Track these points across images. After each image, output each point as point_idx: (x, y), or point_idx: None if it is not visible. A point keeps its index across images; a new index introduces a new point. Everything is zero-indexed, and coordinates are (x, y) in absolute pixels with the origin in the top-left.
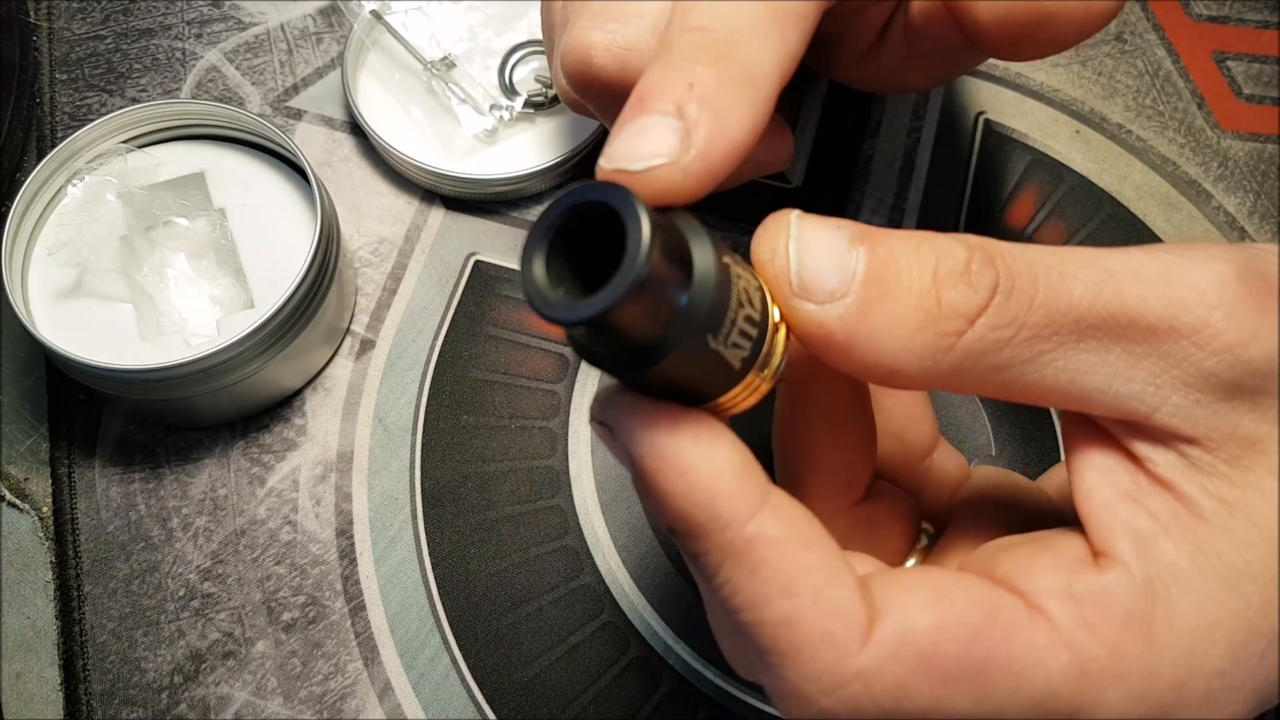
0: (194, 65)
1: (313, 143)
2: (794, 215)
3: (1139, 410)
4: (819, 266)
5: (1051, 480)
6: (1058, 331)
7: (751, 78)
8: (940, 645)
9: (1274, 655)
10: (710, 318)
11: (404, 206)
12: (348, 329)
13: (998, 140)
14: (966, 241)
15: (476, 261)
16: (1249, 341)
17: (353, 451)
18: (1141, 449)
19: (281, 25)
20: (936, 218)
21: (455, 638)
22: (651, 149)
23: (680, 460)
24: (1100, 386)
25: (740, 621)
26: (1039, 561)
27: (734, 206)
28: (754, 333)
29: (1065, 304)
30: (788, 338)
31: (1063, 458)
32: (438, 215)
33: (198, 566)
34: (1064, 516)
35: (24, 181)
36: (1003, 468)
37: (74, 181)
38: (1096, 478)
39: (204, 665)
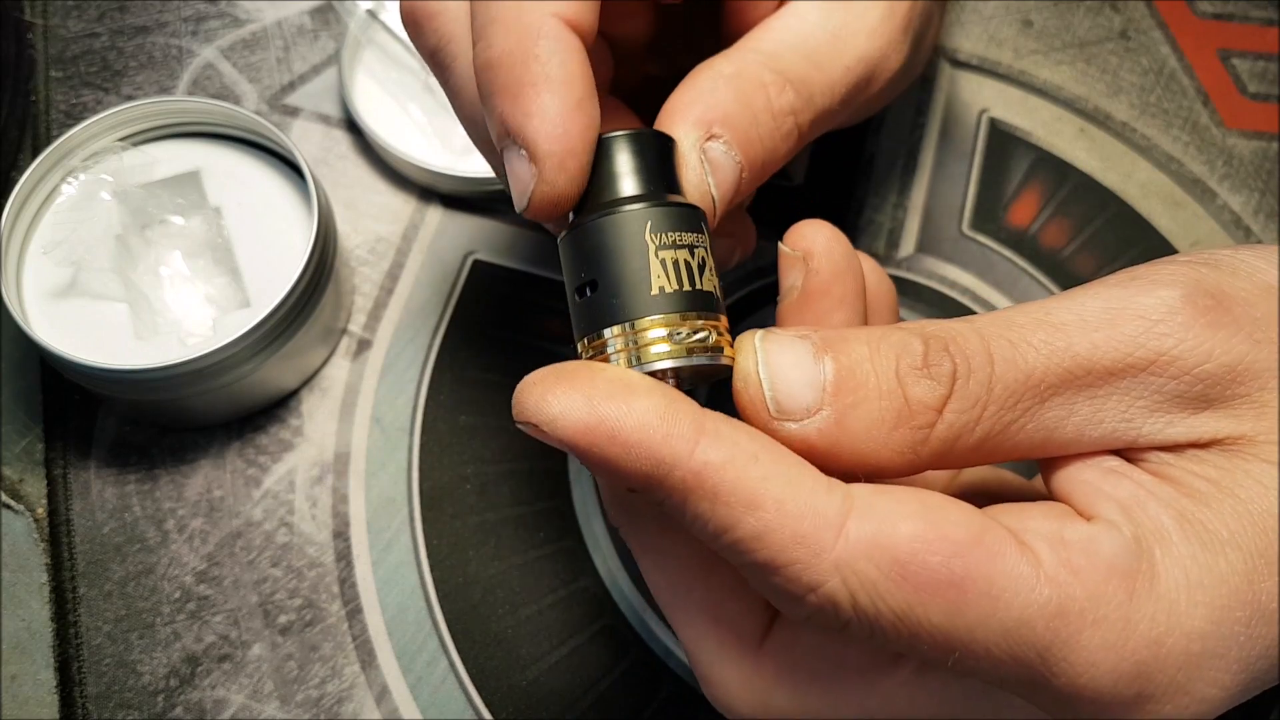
0: (190, 63)
1: (309, 140)
2: (757, 337)
3: (1118, 442)
4: (790, 388)
5: (1040, 482)
6: (1021, 399)
7: (529, 55)
8: (919, 554)
9: (1265, 629)
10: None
11: (401, 205)
12: (344, 329)
13: (1002, 138)
14: (921, 332)
15: (475, 260)
16: (1205, 360)
17: (350, 452)
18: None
19: (278, 22)
20: (940, 217)
21: (453, 641)
22: (521, 186)
23: (605, 427)
24: (1075, 435)
25: (721, 546)
26: (1030, 511)
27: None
28: (688, 282)
29: (1022, 373)
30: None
31: None
32: (435, 214)
33: (193, 569)
34: None
35: (19, 180)
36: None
37: (69, 180)
38: (1079, 463)
39: (200, 668)
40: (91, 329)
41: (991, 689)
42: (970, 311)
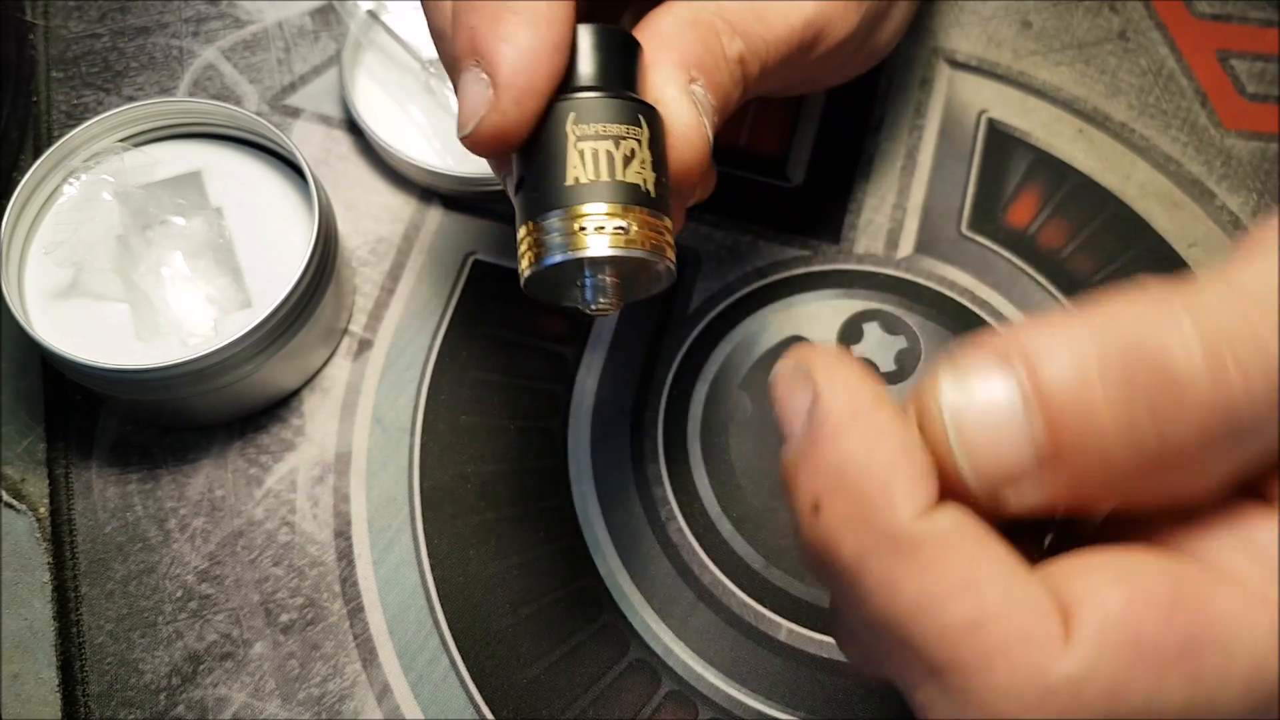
0: (191, 63)
1: (310, 141)
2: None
3: None
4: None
5: None
6: None
7: None
8: (1145, 626)
9: None
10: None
11: (402, 205)
12: (345, 329)
13: (1000, 139)
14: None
15: (475, 261)
16: None
17: (351, 452)
18: None
19: (279, 23)
20: (938, 217)
21: (454, 639)
22: (471, 110)
23: (874, 422)
24: None
25: (903, 634)
26: (1195, 522)
27: (734, 207)
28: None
29: None
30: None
31: None
32: (436, 214)
33: (195, 568)
34: None
35: (20, 180)
36: None
37: (70, 180)
38: None
39: (202, 667)
40: (93, 329)
41: None
42: (969, 312)
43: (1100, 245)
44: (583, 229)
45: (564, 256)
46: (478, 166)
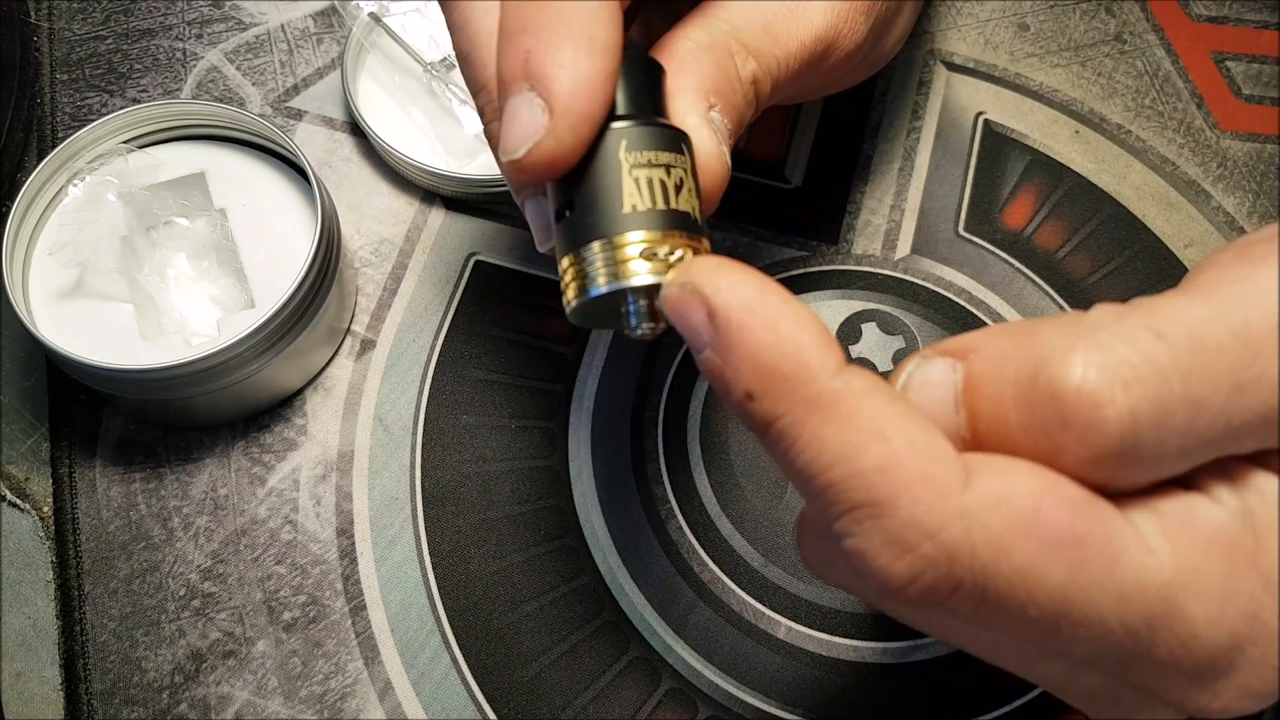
0: (194, 65)
1: (313, 143)
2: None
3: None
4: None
5: None
6: None
7: (580, 9)
8: (1044, 508)
9: None
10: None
11: (404, 207)
12: (348, 329)
13: (997, 140)
14: None
15: (477, 261)
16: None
17: (353, 451)
18: None
19: (282, 25)
20: (935, 218)
21: (455, 637)
22: (524, 134)
23: (768, 311)
24: None
25: (828, 482)
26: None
27: (733, 208)
28: (664, 199)
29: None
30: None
31: None
32: (438, 216)
33: (198, 566)
34: None
35: (25, 181)
36: None
37: (75, 182)
38: None
39: (204, 665)
40: (97, 329)
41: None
42: (966, 312)
43: (1096, 246)
44: (642, 255)
45: (620, 285)
46: (479, 168)
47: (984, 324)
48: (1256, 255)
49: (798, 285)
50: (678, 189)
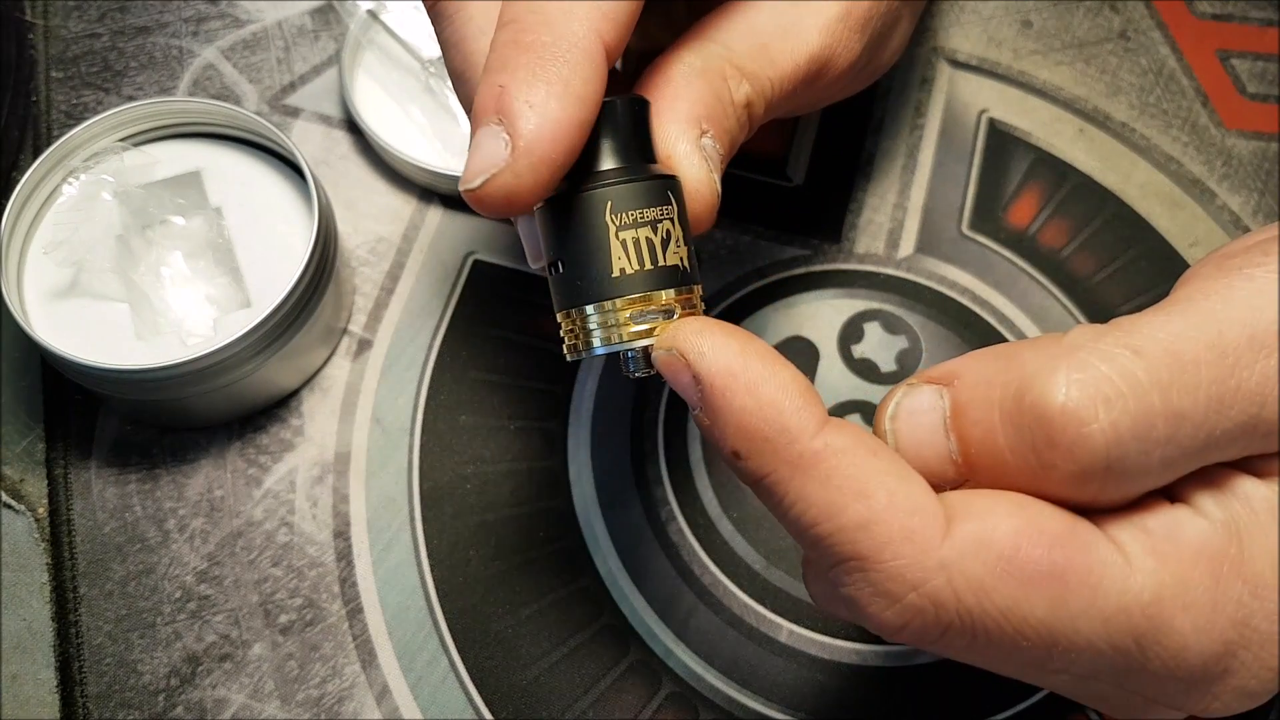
0: (190, 63)
1: (310, 141)
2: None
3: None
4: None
5: None
6: None
7: (561, 56)
8: (1022, 548)
9: None
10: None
11: (402, 205)
12: (345, 329)
13: (1001, 139)
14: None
15: (475, 261)
16: None
17: (350, 452)
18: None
19: (279, 22)
20: (939, 217)
21: (454, 640)
22: (483, 165)
23: (749, 376)
24: None
25: (816, 537)
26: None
27: (735, 207)
28: (657, 258)
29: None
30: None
31: None
32: (436, 214)
33: (194, 568)
34: None
35: (19, 180)
36: None
37: (70, 180)
38: None
39: (200, 668)
40: (92, 329)
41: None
42: (969, 312)
43: (1101, 245)
44: (630, 318)
45: (611, 349)
46: None
47: (987, 323)
48: (1233, 267)
49: (800, 285)
50: (664, 244)
